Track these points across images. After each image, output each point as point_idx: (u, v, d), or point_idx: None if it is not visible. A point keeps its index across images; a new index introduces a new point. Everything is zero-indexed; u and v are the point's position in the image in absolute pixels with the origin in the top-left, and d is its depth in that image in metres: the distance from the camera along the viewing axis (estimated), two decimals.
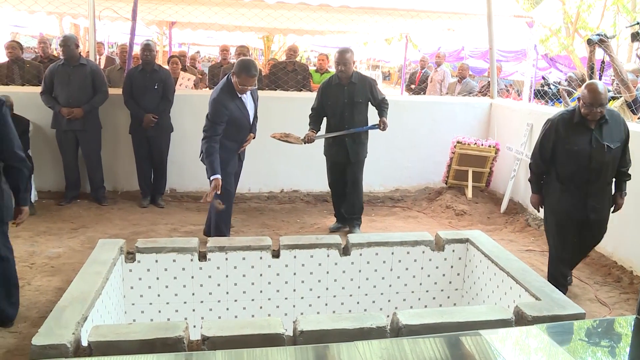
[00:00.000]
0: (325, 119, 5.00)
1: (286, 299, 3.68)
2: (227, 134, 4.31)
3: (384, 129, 4.85)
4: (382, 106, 4.89)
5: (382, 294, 3.82)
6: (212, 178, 4.20)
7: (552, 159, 3.69)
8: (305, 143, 4.92)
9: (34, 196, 5.31)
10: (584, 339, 2.41)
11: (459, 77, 8.29)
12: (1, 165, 3.09)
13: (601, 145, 3.51)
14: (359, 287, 3.77)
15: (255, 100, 4.53)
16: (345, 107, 4.81)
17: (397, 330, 2.58)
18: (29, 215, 4.92)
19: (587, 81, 3.69)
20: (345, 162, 4.95)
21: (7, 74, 6.23)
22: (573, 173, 3.60)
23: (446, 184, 6.22)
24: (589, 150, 3.52)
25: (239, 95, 4.28)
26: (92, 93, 5.41)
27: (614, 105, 5.17)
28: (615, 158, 3.60)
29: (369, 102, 4.92)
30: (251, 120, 4.44)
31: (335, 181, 5.09)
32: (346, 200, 5.11)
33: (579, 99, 3.58)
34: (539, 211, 3.97)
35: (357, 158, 4.94)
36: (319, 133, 4.99)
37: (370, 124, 4.95)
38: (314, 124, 4.96)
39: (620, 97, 5.08)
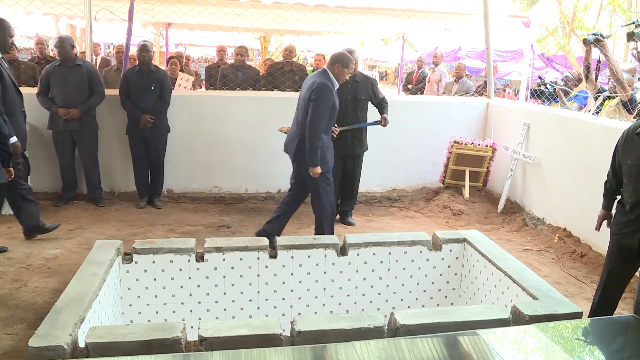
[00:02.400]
0: None
1: (283, 299, 3.67)
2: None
3: (385, 125, 5.20)
4: (382, 104, 5.27)
5: (379, 294, 3.82)
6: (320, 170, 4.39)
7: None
8: None
9: None
10: (581, 338, 2.42)
11: (456, 77, 8.31)
12: None
13: None
14: (356, 287, 3.77)
15: None
16: (348, 104, 5.11)
17: (395, 330, 2.58)
18: None
19: None
20: (345, 155, 5.24)
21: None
22: (629, 193, 3.03)
23: (443, 183, 6.23)
24: None
25: (336, 86, 4.41)
26: (88, 94, 5.40)
27: (609, 105, 5.19)
28: None
29: (370, 100, 5.26)
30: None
31: (334, 174, 5.19)
32: (342, 194, 5.38)
33: None
34: (597, 229, 3.38)
35: (354, 152, 5.27)
36: None
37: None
38: None
39: (616, 96, 5.09)
